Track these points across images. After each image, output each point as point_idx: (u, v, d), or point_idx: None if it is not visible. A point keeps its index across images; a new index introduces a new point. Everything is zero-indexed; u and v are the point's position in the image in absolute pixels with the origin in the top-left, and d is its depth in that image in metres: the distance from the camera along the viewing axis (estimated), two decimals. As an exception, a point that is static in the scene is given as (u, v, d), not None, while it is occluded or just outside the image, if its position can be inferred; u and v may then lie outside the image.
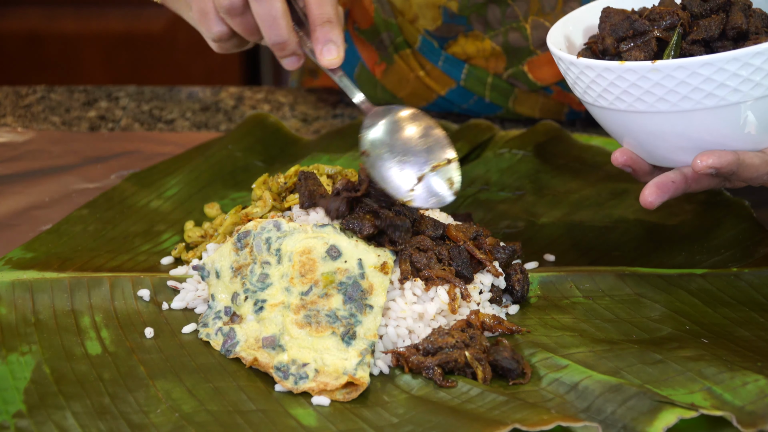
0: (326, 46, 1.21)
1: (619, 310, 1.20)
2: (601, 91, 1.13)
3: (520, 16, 1.56)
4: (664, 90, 1.09)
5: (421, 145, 1.14)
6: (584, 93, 1.15)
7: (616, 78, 1.10)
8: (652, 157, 1.17)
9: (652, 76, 1.09)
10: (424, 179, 1.11)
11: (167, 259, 1.30)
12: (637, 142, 1.16)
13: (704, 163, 1.10)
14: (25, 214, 1.41)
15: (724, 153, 1.10)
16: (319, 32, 1.21)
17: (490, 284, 1.19)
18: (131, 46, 2.90)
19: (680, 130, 1.11)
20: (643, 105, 1.11)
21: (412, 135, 1.15)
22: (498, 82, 1.62)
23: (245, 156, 1.51)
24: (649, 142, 1.14)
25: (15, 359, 1.11)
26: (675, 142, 1.13)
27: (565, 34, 1.21)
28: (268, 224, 1.16)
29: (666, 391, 1.04)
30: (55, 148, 1.57)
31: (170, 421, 1.03)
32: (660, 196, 1.13)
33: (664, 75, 1.08)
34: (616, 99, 1.12)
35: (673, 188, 1.13)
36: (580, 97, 1.17)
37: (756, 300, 1.21)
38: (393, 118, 1.18)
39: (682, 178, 1.13)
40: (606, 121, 1.17)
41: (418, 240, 1.17)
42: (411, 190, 1.11)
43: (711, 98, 1.08)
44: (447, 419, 1.02)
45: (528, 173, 1.47)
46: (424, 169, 1.12)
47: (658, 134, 1.13)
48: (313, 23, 1.22)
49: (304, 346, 1.10)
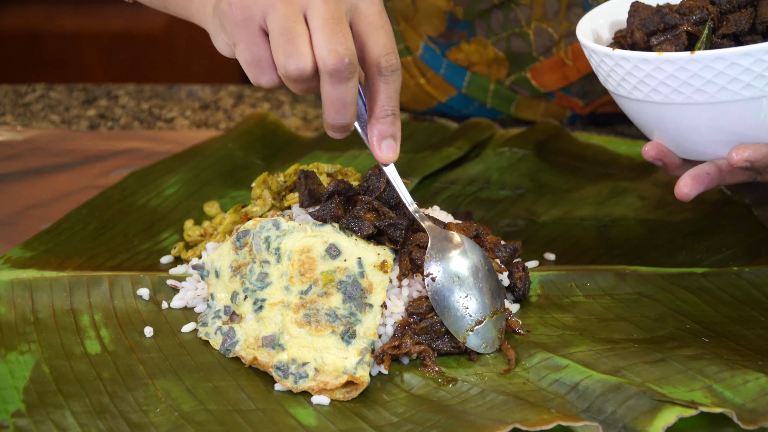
0: (386, 141, 1.14)
1: (619, 309, 1.20)
2: (636, 83, 1.13)
3: (522, 22, 1.56)
4: (701, 81, 1.09)
5: (486, 288, 1.14)
6: (618, 86, 1.15)
7: (654, 69, 1.10)
8: (684, 151, 1.17)
9: (690, 67, 1.09)
10: (483, 324, 1.12)
11: (167, 257, 1.30)
12: (669, 135, 1.15)
13: (740, 156, 1.11)
14: (24, 213, 1.41)
15: (760, 146, 1.11)
16: (382, 125, 1.14)
17: None
18: (131, 44, 2.89)
19: (716, 122, 1.11)
20: (680, 97, 1.11)
21: (479, 274, 1.14)
22: (500, 89, 1.62)
23: (245, 154, 1.51)
24: (682, 135, 1.14)
25: (14, 358, 1.11)
26: (710, 134, 1.13)
27: (592, 28, 1.21)
28: (268, 223, 1.16)
29: (667, 389, 1.04)
30: (54, 147, 1.57)
31: (170, 420, 1.02)
32: (696, 187, 1.13)
33: (702, 66, 1.08)
34: (652, 91, 1.12)
35: (708, 180, 1.14)
36: (612, 90, 1.17)
37: (757, 299, 1.21)
38: (461, 250, 1.15)
39: (716, 171, 1.14)
40: (638, 114, 1.17)
41: (418, 237, 1.17)
42: (469, 330, 1.12)
43: (748, 89, 1.08)
44: (447, 418, 1.02)
45: (528, 172, 1.47)
46: (485, 314, 1.13)
47: (692, 127, 1.13)
48: (376, 114, 1.14)
49: (304, 345, 1.10)
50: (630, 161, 1.48)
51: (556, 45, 1.56)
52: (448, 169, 1.47)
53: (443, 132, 1.56)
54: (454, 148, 1.50)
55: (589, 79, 1.58)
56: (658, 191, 1.40)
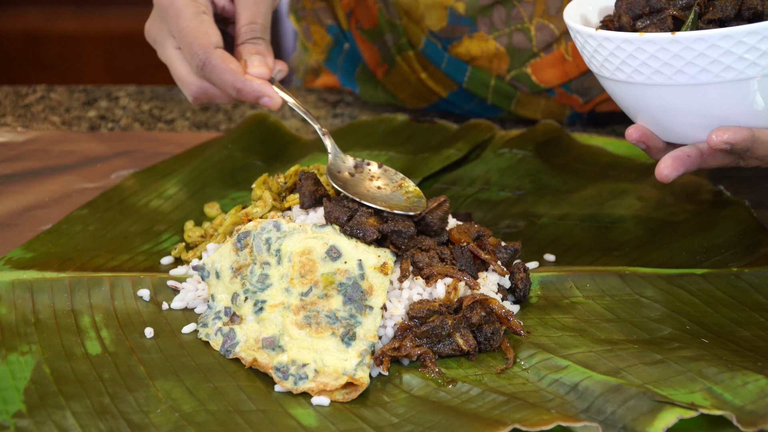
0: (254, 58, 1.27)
1: (619, 310, 1.20)
2: (619, 64, 1.13)
3: (525, 18, 1.56)
4: (682, 62, 1.10)
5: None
6: (601, 66, 1.16)
7: (635, 50, 1.11)
8: (667, 134, 1.17)
9: (671, 48, 1.09)
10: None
11: (167, 258, 1.30)
12: (652, 118, 1.16)
13: (719, 138, 1.11)
14: (24, 214, 1.41)
15: (740, 129, 1.11)
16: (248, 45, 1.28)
17: (497, 283, 1.20)
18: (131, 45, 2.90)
19: (697, 104, 1.12)
20: (662, 78, 1.11)
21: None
22: (501, 85, 1.62)
23: (245, 156, 1.51)
24: (664, 118, 1.15)
25: (15, 359, 1.11)
26: (691, 117, 1.13)
27: (580, 13, 1.22)
28: (268, 224, 1.16)
29: (666, 391, 1.04)
30: (54, 148, 1.57)
31: (170, 421, 1.02)
32: (676, 169, 1.13)
33: (683, 47, 1.09)
34: (634, 72, 1.12)
35: (688, 162, 1.14)
36: (596, 72, 1.17)
37: (756, 300, 1.21)
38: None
39: (697, 153, 1.14)
40: (621, 96, 1.18)
41: (419, 239, 1.17)
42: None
43: (729, 71, 1.09)
44: (447, 419, 1.02)
45: (528, 173, 1.47)
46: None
47: (674, 109, 1.13)
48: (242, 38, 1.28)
49: (304, 346, 1.10)
50: (630, 162, 1.48)
51: (556, 41, 1.57)
52: (448, 170, 1.47)
53: (443, 133, 1.56)
54: (454, 149, 1.50)
55: (589, 76, 1.59)
56: (657, 192, 1.40)
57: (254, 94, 1.25)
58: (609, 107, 1.63)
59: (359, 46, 1.68)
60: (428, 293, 1.15)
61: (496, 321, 1.13)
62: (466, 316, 1.12)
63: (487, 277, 1.19)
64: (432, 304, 1.13)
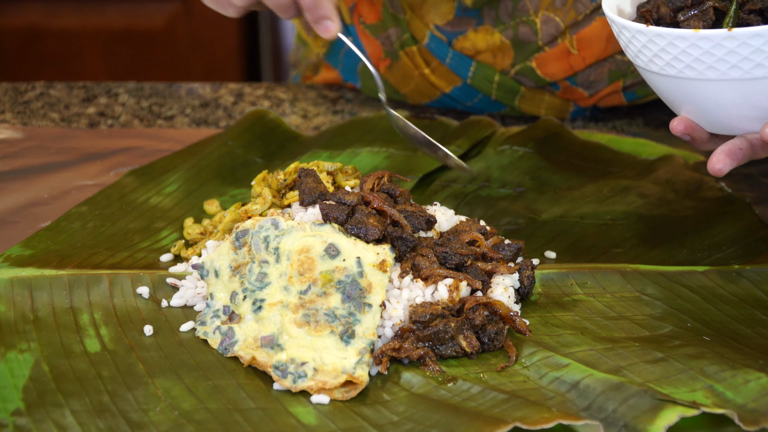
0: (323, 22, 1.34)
1: (620, 307, 1.19)
2: (669, 59, 1.12)
3: (531, 11, 1.56)
4: (738, 58, 1.09)
5: None
6: (649, 62, 1.15)
7: (689, 46, 1.10)
8: (714, 126, 1.17)
9: (727, 44, 1.09)
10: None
11: (166, 256, 1.30)
12: (699, 111, 1.16)
13: None
14: (23, 211, 1.40)
15: None
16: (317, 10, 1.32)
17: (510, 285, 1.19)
18: (131, 42, 2.89)
19: (750, 98, 1.12)
20: (715, 73, 1.11)
21: None
22: (505, 81, 1.61)
23: (245, 153, 1.51)
24: (713, 111, 1.15)
25: (14, 357, 1.11)
26: (743, 110, 1.13)
27: (616, 3, 1.21)
28: (266, 222, 1.15)
29: (667, 389, 1.03)
30: (54, 145, 1.57)
31: (169, 419, 1.02)
32: (729, 163, 1.14)
33: (739, 43, 1.08)
34: (686, 67, 1.12)
35: (741, 155, 1.14)
36: (643, 66, 1.16)
37: (758, 297, 1.21)
38: None
39: (748, 146, 1.14)
40: (668, 90, 1.17)
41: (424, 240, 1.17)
42: None
43: None
44: (447, 417, 1.01)
45: (529, 170, 1.46)
46: None
47: (725, 102, 1.13)
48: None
49: (303, 345, 1.09)
50: (631, 159, 1.48)
51: (561, 34, 1.56)
52: (448, 167, 1.47)
53: (444, 130, 1.56)
54: (454, 146, 1.50)
55: (595, 69, 1.58)
56: (658, 189, 1.40)
57: (323, 12, 1.30)
58: (612, 101, 1.63)
59: (362, 41, 1.67)
60: (429, 294, 1.14)
61: (499, 321, 1.13)
62: (469, 318, 1.12)
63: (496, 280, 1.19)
64: (435, 307, 1.12)
